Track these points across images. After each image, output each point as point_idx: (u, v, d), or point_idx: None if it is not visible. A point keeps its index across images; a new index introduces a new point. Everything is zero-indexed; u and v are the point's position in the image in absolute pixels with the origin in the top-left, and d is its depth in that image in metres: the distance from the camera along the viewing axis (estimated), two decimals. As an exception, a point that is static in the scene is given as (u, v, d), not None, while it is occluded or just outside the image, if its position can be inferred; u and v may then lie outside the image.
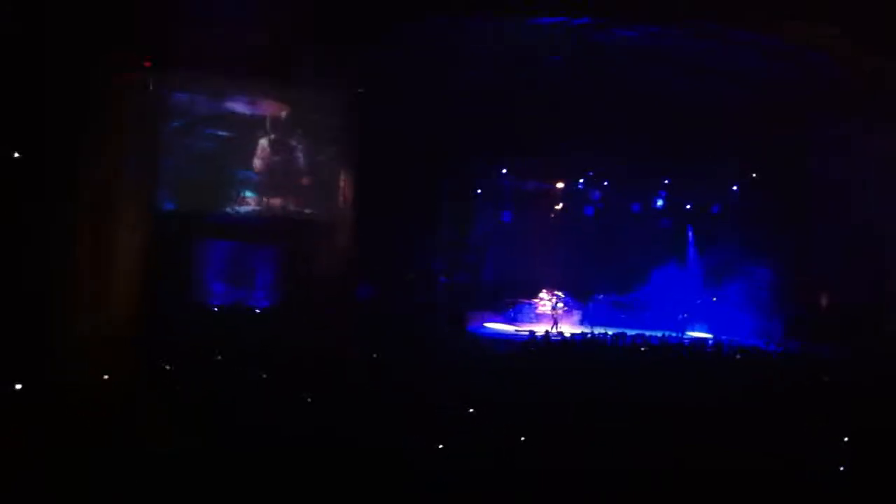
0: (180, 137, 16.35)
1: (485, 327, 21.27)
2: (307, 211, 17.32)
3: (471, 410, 8.53)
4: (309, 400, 8.61)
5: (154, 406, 7.74)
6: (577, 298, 23.61)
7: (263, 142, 16.95)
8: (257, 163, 17.01)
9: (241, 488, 5.98)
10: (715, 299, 23.94)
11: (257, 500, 5.95)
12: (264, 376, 9.88)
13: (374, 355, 12.41)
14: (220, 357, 11.09)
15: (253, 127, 16.95)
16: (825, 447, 7.77)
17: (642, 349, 16.28)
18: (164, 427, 7.19)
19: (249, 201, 17.31)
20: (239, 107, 16.72)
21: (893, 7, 13.92)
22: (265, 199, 17.40)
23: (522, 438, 7.46)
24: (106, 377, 8.94)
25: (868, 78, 16.61)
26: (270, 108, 16.97)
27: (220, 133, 16.61)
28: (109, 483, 5.89)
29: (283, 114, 17.02)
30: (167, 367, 9.80)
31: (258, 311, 17.47)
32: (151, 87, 13.80)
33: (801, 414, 9.58)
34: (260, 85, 16.36)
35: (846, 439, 8.24)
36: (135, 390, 8.72)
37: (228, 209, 17.17)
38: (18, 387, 7.82)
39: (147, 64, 13.44)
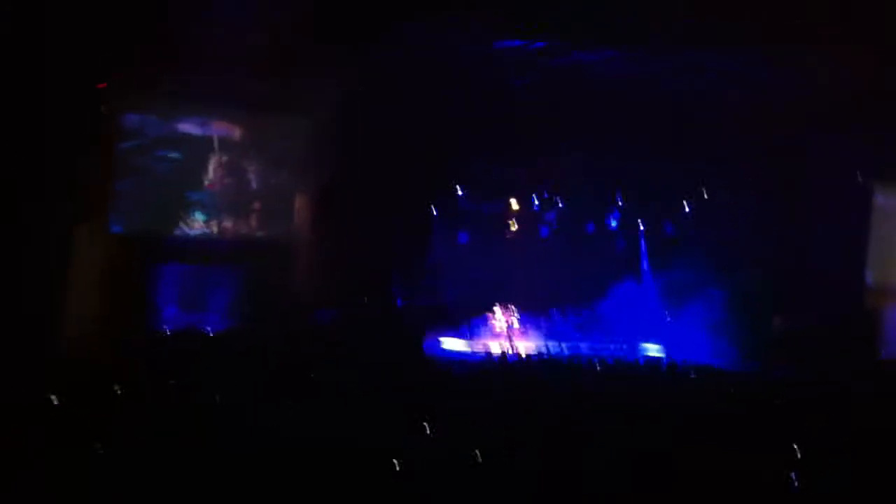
0: (135, 158, 16.18)
1: (441, 347, 21.22)
2: (261, 234, 17.21)
3: (426, 428, 8.52)
4: (263, 420, 8.53)
5: (104, 430, 7.61)
6: (533, 317, 23.67)
7: (215, 163, 16.82)
8: (210, 184, 16.87)
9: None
10: (669, 319, 24.13)
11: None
12: (217, 400, 9.77)
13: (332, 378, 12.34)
14: (172, 382, 10.93)
15: (205, 148, 16.83)
16: (776, 466, 7.86)
17: (597, 368, 16.37)
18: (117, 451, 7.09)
19: (201, 223, 17.16)
20: (193, 129, 16.60)
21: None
22: (218, 222, 17.26)
23: (479, 459, 7.46)
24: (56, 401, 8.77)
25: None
26: (225, 129, 16.86)
27: (173, 154, 16.45)
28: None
29: (238, 136, 16.94)
30: (118, 391, 9.64)
31: (211, 334, 17.28)
32: (105, 109, 13.67)
33: (753, 433, 9.71)
34: (217, 107, 16.30)
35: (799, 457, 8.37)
36: (87, 414, 8.58)
37: (180, 231, 16.99)
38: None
39: (102, 85, 13.33)
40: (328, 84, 16.54)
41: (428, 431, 8.51)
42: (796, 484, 7.28)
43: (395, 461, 6.95)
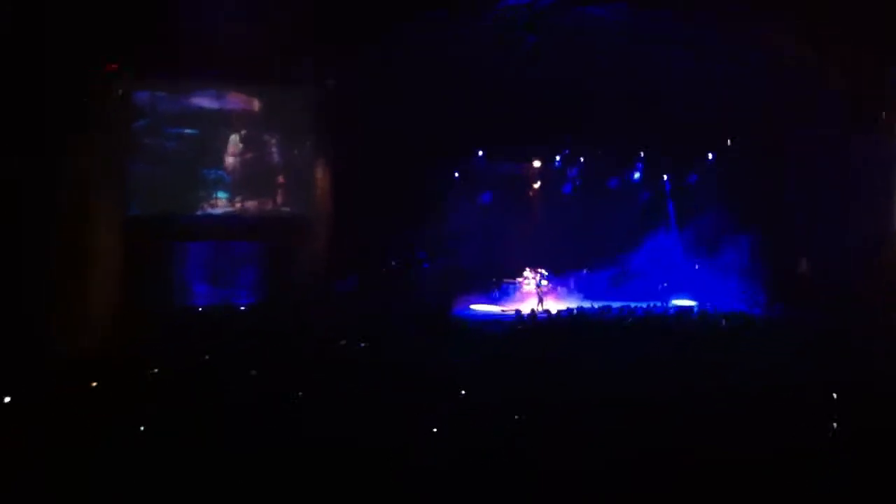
0: (153, 139, 16.22)
1: (471, 310, 21.27)
2: (285, 206, 17.25)
3: (462, 392, 8.54)
4: (300, 394, 8.58)
5: (144, 410, 7.69)
6: (561, 275, 23.65)
7: (236, 138, 16.84)
8: (230, 160, 16.90)
9: (236, 489, 5.96)
10: (698, 267, 24.06)
11: (253, 499, 5.93)
12: (253, 373, 9.85)
13: (362, 345, 12.40)
14: (207, 357, 11.04)
15: (228, 123, 16.85)
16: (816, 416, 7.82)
17: (628, 321, 16.35)
18: (156, 430, 7.16)
19: (225, 200, 17.22)
20: (215, 103, 16.59)
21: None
22: (241, 197, 17.31)
23: (515, 420, 7.47)
24: (94, 384, 8.88)
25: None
26: (246, 104, 16.85)
27: (191, 132, 16.46)
28: (104, 485, 5.87)
29: (257, 110, 16.93)
30: (155, 371, 9.74)
31: (242, 308, 17.43)
32: (122, 91, 13.68)
33: (786, 380, 9.68)
34: (236, 81, 16.28)
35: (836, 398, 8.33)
36: (123, 396, 8.68)
37: (204, 209, 17.07)
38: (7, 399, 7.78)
39: (114, 67, 13.32)
40: (344, 55, 16.51)
41: (462, 395, 8.54)
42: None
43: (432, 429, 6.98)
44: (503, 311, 20.63)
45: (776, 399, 8.23)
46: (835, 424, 7.28)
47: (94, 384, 8.87)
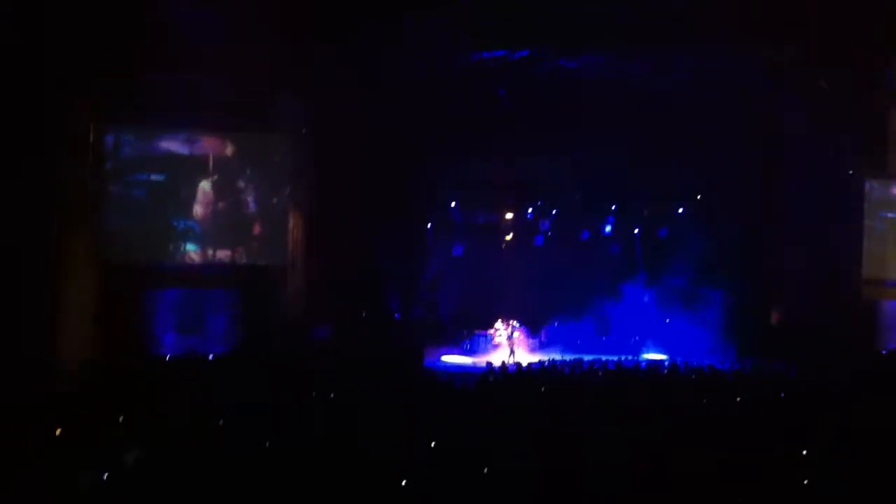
0: (124, 186, 16.16)
1: (442, 361, 21.20)
2: (257, 254, 17.19)
3: (432, 444, 8.48)
4: (267, 445, 8.49)
5: (107, 460, 7.57)
6: (532, 327, 23.68)
7: (206, 185, 16.80)
8: (199, 209, 16.84)
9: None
10: (668, 321, 24.18)
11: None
12: (220, 423, 9.72)
13: (332, 395, 12.29)
14: (173, 407, 10.89)
15: (197, 169, 16.82)
16: (786, 459, 7.85)
17: (599, 374, 16.32)
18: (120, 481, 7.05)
19: (196, 249, 17.12)
20: (183, 149, 16.57)
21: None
22: (214, 244, 17.23)
23: (485, 471, 7.42)
24: (58, 431, 8.73)
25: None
26: (216, 149, 16.84)
27: (158, 179, 16.39)
28: None
29: (231, 155, 16.93)
30: (120, 420, 9.59)
31: (210, 358, 17.24)
32: (93, 137, 13.67)
33: (758, 428, 9.70)
34: (208, 127, 16.28)
35: (804, 452, 8.36)
36: (87, 444, 8.53)
37: (174, 256, 16.95)
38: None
39: (87, 116, 13.32)
40: (316, 99, 16.61)
41: (433, 445, 8.48)
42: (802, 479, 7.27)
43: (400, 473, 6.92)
44: (474, 362, 20.57)
45: (745, 456, 8.24)
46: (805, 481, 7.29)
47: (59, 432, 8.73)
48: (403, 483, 6.93)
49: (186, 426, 9.01)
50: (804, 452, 8.39)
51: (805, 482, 7.23)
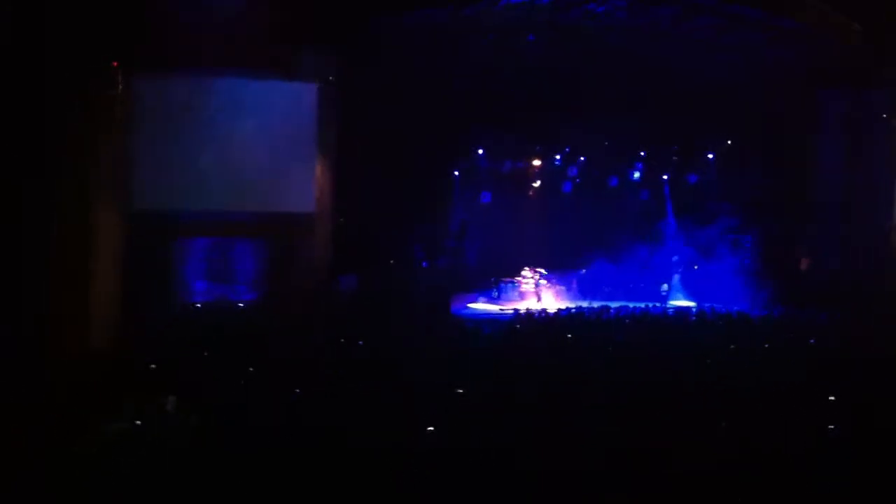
0: (155, 135, 16.19)
1: (469, 308, 21.29)
2: (285, 203, 17.22)
3: (460, 391, 8.56)
4: (297, 391, 8.60)
5: (142, 407, 7.71)
6: (560, 274, 23.68)
7: (232, 134, 16.77)
8: (226, 158, 16.84)
9: (235, 484, 5.97)
10: (697, 268, 24.08)
11: (252, 495, 5.94)
12: (251, 370, 9.86)
13: (360, 343, 12.41)
14: (206, 353, 11.06)
15: (222, 118, 16.79)
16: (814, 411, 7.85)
17: (626, 321, 16.35)
18: (154, 426, 7.17)
19: (227, 197, 17.18)
20: (207, 97, 16.53)
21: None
22: (241, 193, 17.28)
23: (511, 417, 7.48)
24: (89, 379, 8.90)
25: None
26: (242, 97, 16.80)
27: (183, 128, 16.38)
28: (106, 482, 5.88)
29: (258, 104, 16.89)
30: (153, 367, 9.75)
31: (241, 304, 17.45)
32: (121, 87, 13.65)
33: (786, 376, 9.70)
34: (237, 76, 16.26)
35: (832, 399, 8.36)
36: (122, 392, 8.69)
37: (205, 206, 17.03)
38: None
39: (115, 64, 13.30)
40: (344, 50, 16.53)
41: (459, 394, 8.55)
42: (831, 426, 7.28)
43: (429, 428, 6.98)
44: (501, 309, 20.65)
45: (772, 398, 8.26)
46: (831, 426, 7.30)
47: (94, 381, 8.89)
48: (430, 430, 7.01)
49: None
50: (831, 399, 8.41)
51: (830, 427, 7.24)
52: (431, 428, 7.03)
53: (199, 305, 17.27)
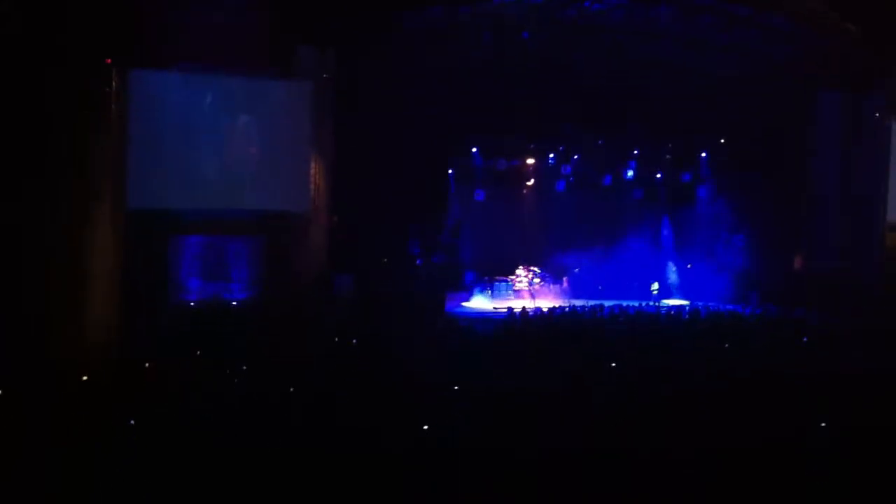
0: (151, 133, 16.18)
1: (463, 307, 21.32)
2: (280, 202, 17.23)
3: (455, 388, 8.57)
4: (291, 390, 8.60)
5: (135, 404, 7.71)
6: (554, 273, 23.71)
7: (228, 132, 16.76)
8: (222, 156, 16.83)
9: (232, 484, 5.97)
10: (690, 266, 24.15)
11: (249, 494, 5.95)
12: (244, 368, 9.87)
13: (353, 341, 12.43)
14: (199, 352, 11.05)
15: (218, 115, 16.78)
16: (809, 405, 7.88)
17: (620, 319, 16.38)
18: (147, 425, 7.17)
19: (222, 195, 17.17)
20: (204, 94, 16.52)
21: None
22: (237, 191, 17.27)
23: (506, 416, 7.50)
24: (85, 378, 8.89)
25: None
26: (238, 94, 16.79)
27: (180, 125, 16.36)
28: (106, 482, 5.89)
29: (253, 102, 16.89)
30: (146, 365, 9.75)
31: (235, 303, 17.43)
32: (116, 86, 13.63)
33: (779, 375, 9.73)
34: (234, 74, 16.28)
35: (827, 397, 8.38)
36: (115, 390, 8.70)
37: (201, 204, 17.03)
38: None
39: (108, 61, 13.28)
40: (341, 50, 16.55)
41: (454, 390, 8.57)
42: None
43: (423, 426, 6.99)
44: (495, 308, 20.67)
45: (764, 397, 8.29)
46: (822, 423, 7.32)
47: (91, 379, 8.89)
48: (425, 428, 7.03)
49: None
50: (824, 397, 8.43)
51: (823, 425, 7.27)
52: (426, 426, 7.05)
53: (192, 304, 17.25)
